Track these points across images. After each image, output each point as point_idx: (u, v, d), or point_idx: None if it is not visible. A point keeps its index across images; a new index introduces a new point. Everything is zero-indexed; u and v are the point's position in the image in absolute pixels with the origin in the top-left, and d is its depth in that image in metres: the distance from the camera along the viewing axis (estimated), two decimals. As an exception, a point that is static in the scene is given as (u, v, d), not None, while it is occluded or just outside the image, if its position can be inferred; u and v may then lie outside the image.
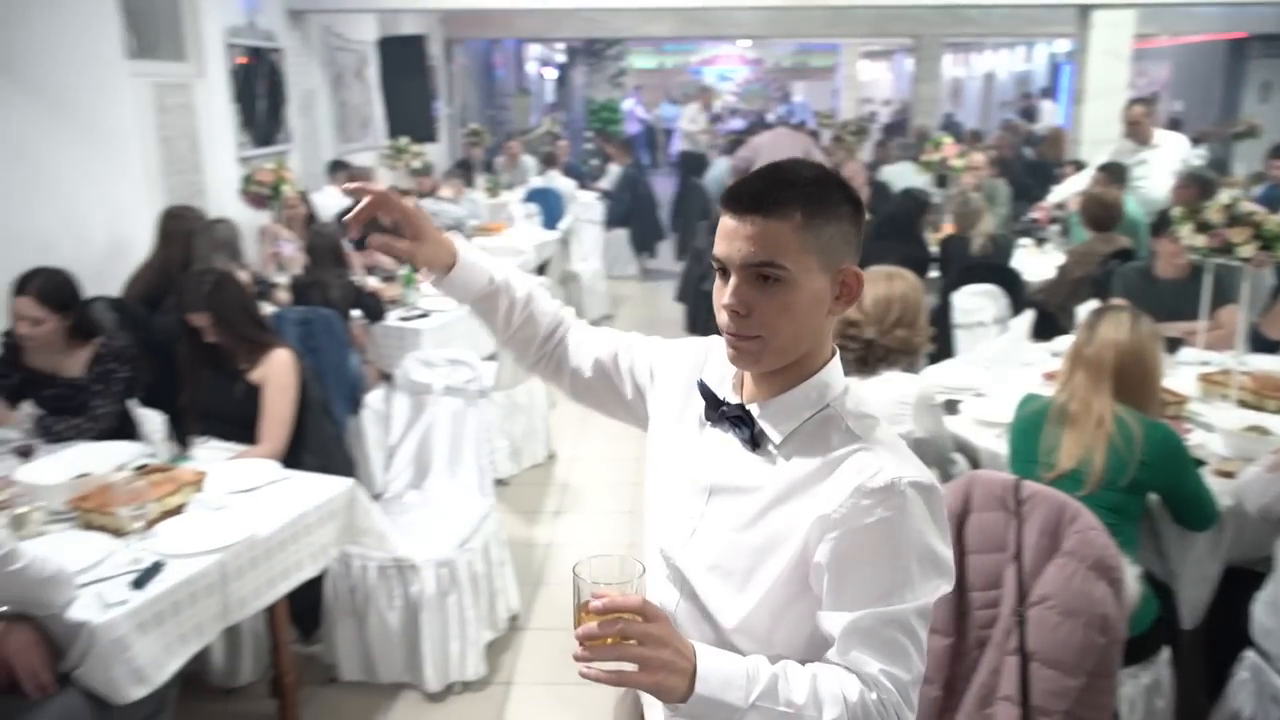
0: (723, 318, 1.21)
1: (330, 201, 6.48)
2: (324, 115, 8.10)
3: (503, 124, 14.08)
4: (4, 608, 2.05)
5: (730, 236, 1.18)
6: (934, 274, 5.12)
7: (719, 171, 9.05)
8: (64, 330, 3.12)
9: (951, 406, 3.12)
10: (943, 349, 4.12)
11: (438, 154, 9.70)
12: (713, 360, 1.37)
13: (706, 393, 1.30)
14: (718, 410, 1.28)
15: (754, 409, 1.25)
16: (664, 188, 11.58)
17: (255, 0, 6.74)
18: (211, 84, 6.13)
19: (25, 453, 2.81)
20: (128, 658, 2.08)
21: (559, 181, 8.78)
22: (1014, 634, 2.10)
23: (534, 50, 17.81)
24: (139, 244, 4.63)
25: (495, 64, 15.21)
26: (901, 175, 7.40)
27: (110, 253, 4.70)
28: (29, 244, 4.11)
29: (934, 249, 5.46)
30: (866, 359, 2.65)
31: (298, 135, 7.37)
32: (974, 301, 4.37)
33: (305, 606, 3.04)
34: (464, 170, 8.37)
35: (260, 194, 5.24)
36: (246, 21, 6.65)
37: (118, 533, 2.35)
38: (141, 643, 2.11)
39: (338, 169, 7.12)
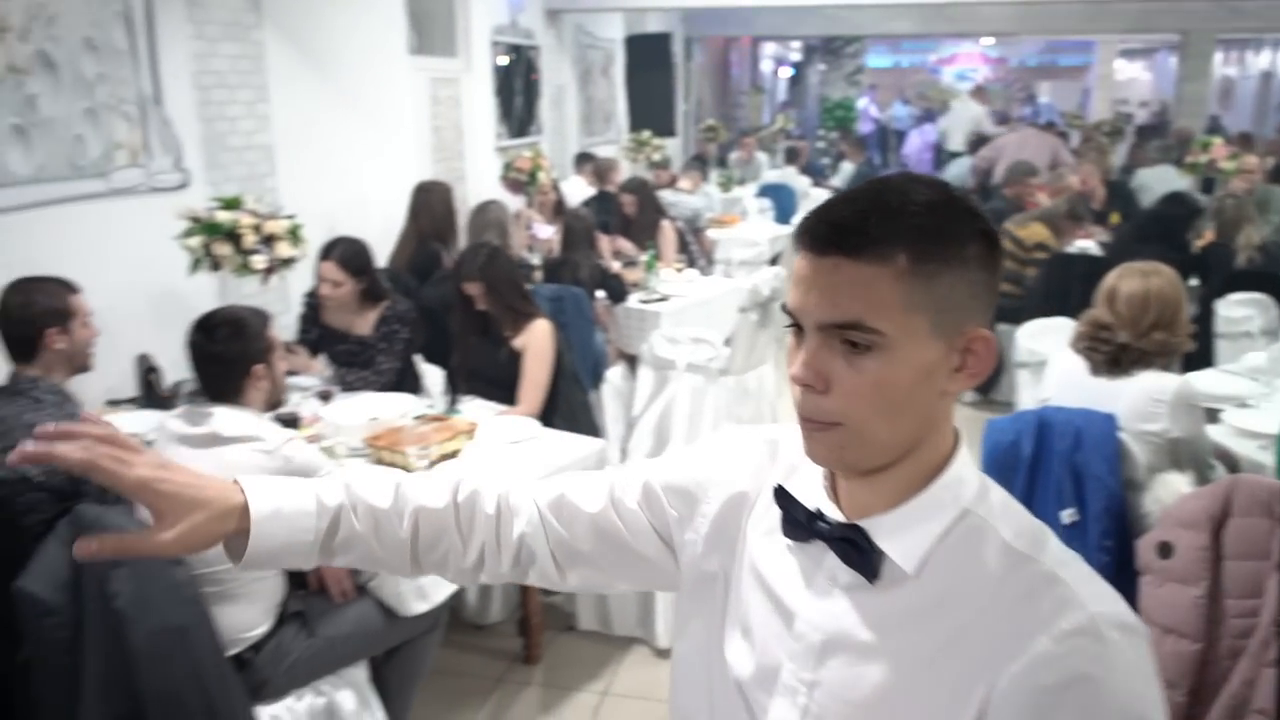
0: (794, 392, 0.88)
1: (576, 190, 6.86)
2: (571, 109, 8.54)
3: (735, 121, 14.26)
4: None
5: (806, 283, 0.85)
6: (1194, 282, 4.83)
7: (958, 171, 8.83)
8: (358, 293, 3.51)
9: (1212, 415, 2.98)
10: (1202, 357, 3.91)
11: (673, 148, 9.98)
12: (787, 454, 1.01)
13: (791, 504, 0.94)
14: (811, 527, 0.92)
15: (868, 525, 0.89)
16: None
17: (519, 1, 7.21)
18: (477, 78, 6.63)
19: (325, 397, 3.21)
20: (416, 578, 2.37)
21: (794, 177, 8.85)
22: (1273, 645, 2.02)
23: (769, 49, 17.90)
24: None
25: (730, 62, 15.41)
26: (1161, 179, 6.97)
27: (385, 229, 5.19)
28: (318, 217, 4.62)
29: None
30: (1119, 360, 2.58)
31: (548, 128, 7.83)
32: (1241, 311, 4.11)
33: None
34: (699, 165, 8.58)
35: (518, 180, 5.64)
36: (510, 21, 7.12)
37: (405, 469, 2.66)
38: (425, 565, 2.40)
39: (583, 160, 7.50)
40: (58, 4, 3.39)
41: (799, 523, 0.93)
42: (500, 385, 3.37)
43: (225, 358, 2.20)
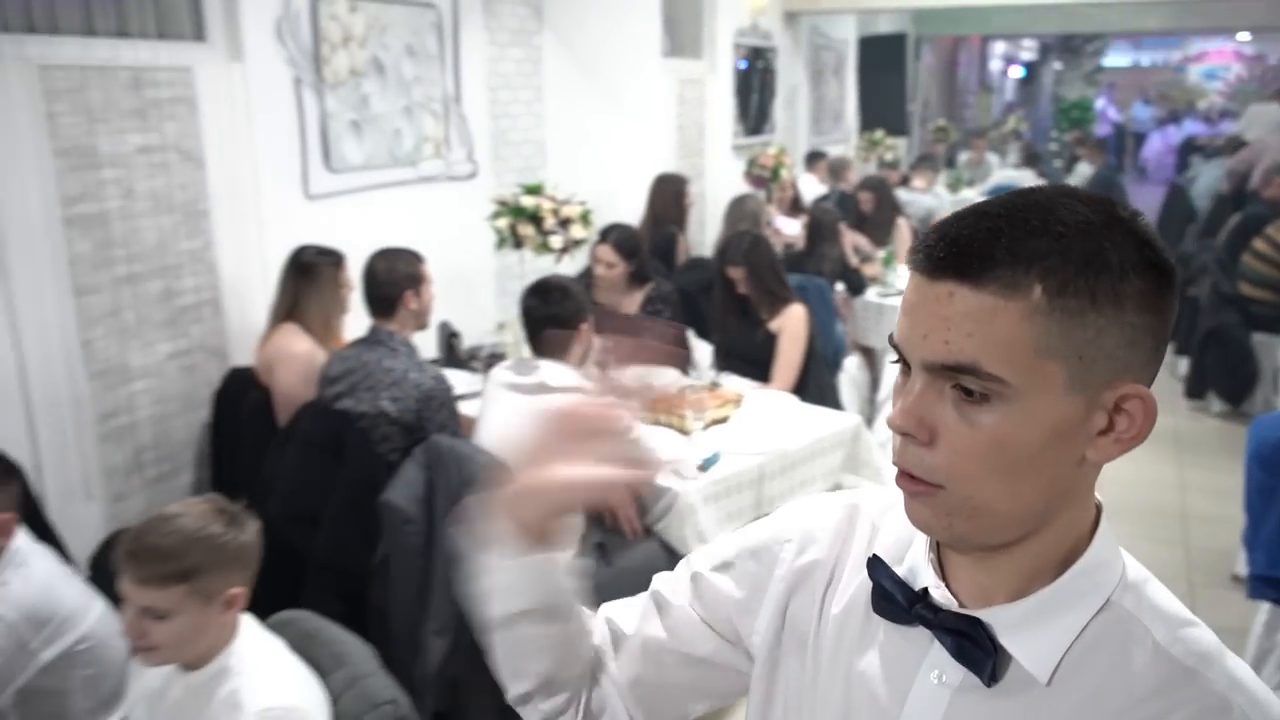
0: (895, 441, 0.73)
1: (807, 188, 7.05)
2: (803, 109, 8.72)
3: (962, 121, 13.98)
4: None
5: (915, 312, 0.69)
6: None
7: (1212, 176, 8.39)
8: (628, 274, 3.86)
9: None
10: None
11: (901, 148, 9.97)
12: (871, 519, 0.86)
13: (888, 578, 0.78)
14: (913, 611, 0.76)
15: (988, 618, 0.73)
16: (1135, 196, 10.87)
17: (760, 4, 7.46)
18: (719, 79, 6.94)
19: (602, 365, 3.56)
20: (695, 520, 2.66)
21: (1030, 180, 8.68)
22: None
23: (999, 48, 17.38)
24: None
25: (959, 61, 15.10)
26: None
27: (631, 219, 5.58)
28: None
29: None
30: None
31: (780, 127, 8.04)
32: None
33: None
34: (930, 164, 8.57)
35: (761, 176, 5.89)
36: (750, 23, 7.39)
37: (681, 431, 2.96)
38: (704, 512, 2.69)
39: (814, 158, 7.68)
40: (389, 16, 3.92)
41: (896, 602, 0.76)
42: (755, 364, 3.63)
43: (554, 317, 2.56)
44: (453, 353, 3.70)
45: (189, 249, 3.23)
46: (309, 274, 3.05)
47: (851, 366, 4.61)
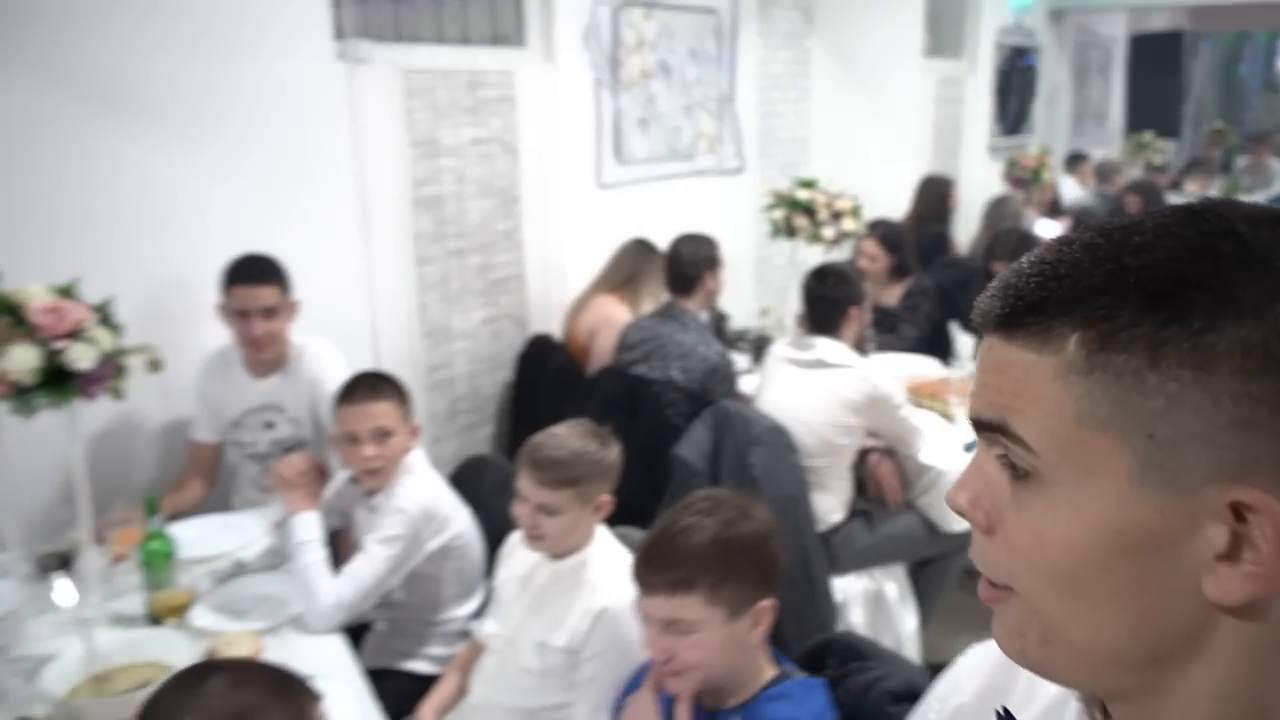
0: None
1: (1066, 190, 6.88)
2: (1063, 109, 8.47)
3: (1241, 124, 12.96)
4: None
5: (977, 367, 0.59)
6: None
7: None
8: (889, 268, 4.02)
9: None
10: None
11: (1170, 151, 9.44)
12: None
13: None
14: None
15: None
16: None
17: (1023, 4, 7.33)
18: (979, 79, 6.90)
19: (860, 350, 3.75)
20: (958, 498, 2.81)
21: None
22: None
23: (1288, 43, 15.90)
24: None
25: (1242, 59, 13.97)
26: None
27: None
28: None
29: None
30: None
31: (1039, 127, 7.87)
32: None
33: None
34: (1203, 169, 8.10)
35: (1021, 177, 5.85)
36: (1014, 22, 7.28)
37: (945, 416, 3.11)
38: (967, 491, 2.84)
39: (1076, 160, 7.46)
40: (677, 22, 4.26)
41: None
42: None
43: (832, 299, 2.79)
44: (721, 334, 3.99)
45: (502, 229, 3.69)
46: (650, 257, 3.46)
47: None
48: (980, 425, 0.56)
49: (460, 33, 3.47)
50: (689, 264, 3.11)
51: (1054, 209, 6.03)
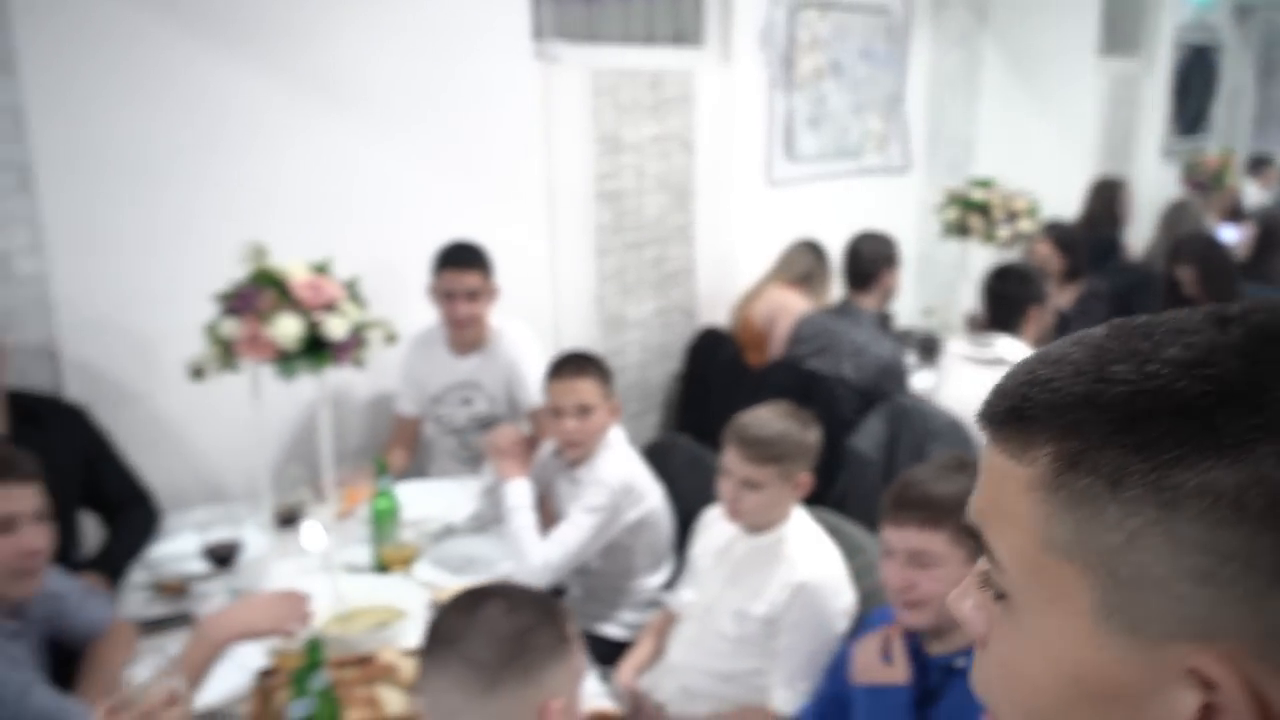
0: None
1: (1252, 195, 6.56)
2: (1245, 110, 8.05)
3: None
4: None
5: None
6: None
7: None
8: (1062, 270, 3.95)
9: None
10: None
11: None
12: None
13: None
14: None
15: None
16: None
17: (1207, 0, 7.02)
18: (1155, 78, 6.64)
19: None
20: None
21: None
22: None
23: None
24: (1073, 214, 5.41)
25: None
26: None
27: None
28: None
29: None
30: None
31: (1217, 128, 7.51)
32: None
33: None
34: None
35: (1201, 180, 5.62)
36: (1195, 18, 6.97)
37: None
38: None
39: (1261, 164, 7.09)
40: (850, 21, 4.29)
41: None
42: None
43: (1012, 297, 2.79)
44: (886, 332, 4.01)
45: (676, 224, 3.81)
46: (821, 258, 3.55)
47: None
48: (970, 531, 0.51)
49: (645, 32, 3.60)
50: (868, 261, 3.16)
51: (1235, 214, 5.77)
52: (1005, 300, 2.81)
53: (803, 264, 3.62)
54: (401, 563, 2.09)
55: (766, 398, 3.18)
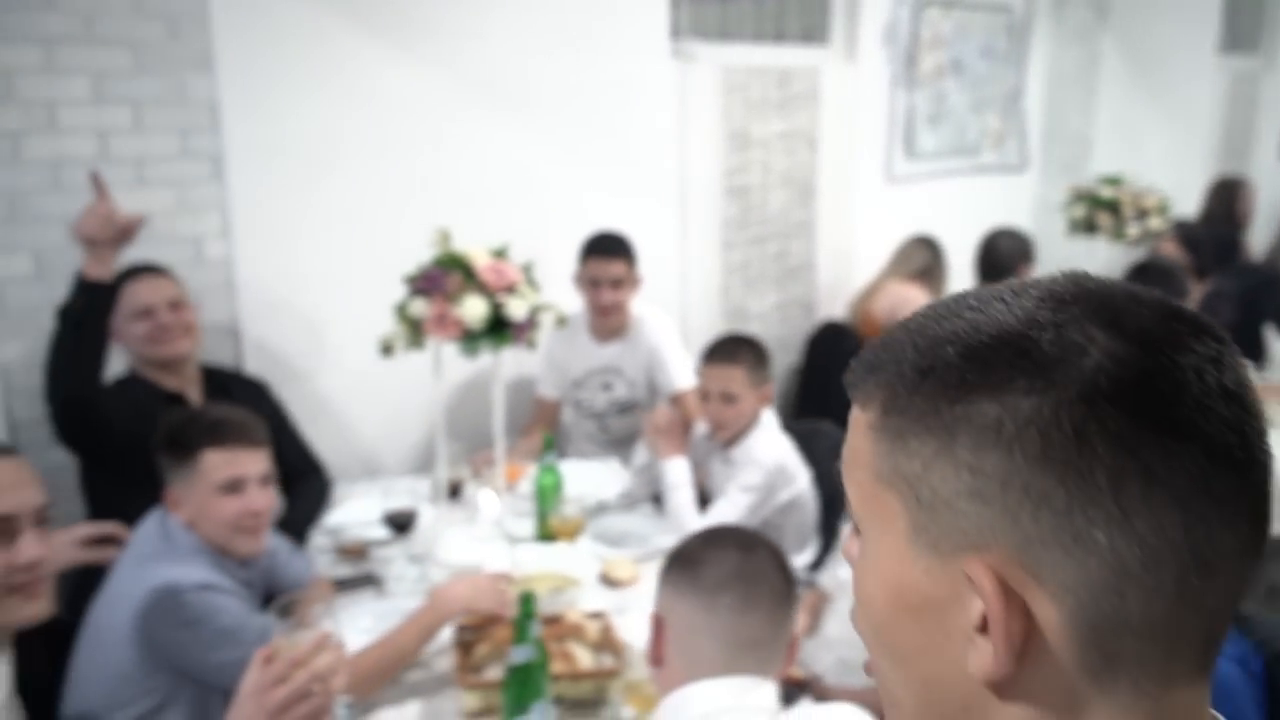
0: None
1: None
2: (1368, 110, 7.78)
3: None
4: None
5: None
6: None
7: None
8: (1187, 269, 3.91)
9: None
10: None
11: None
12: None
13: None
14: None
15: None
16: None
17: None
18: (1277, 76, 6.47)
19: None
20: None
21: None
22: None
23: None
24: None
25: None
26: None
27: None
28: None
29: None
30: None
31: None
32: None
33: None
34: None
35: (1327, 180, 5.48)
36: (1320, 14, 6.77)
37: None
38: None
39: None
40: (972, 20, 4.30)
41: None
42: (1332, 369, 3.53)
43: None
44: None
45: (798, 219, 3.87)
46: (938, 254, 3.60)
47: None
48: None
49: (775, 30, 3.67)
50: (1004, 255, 3.19)
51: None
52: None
53: (920, 259, 3.66)
54: (569, 534, 2.21)
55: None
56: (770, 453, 2.28)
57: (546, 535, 2.24)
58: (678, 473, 2.26)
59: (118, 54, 2.31)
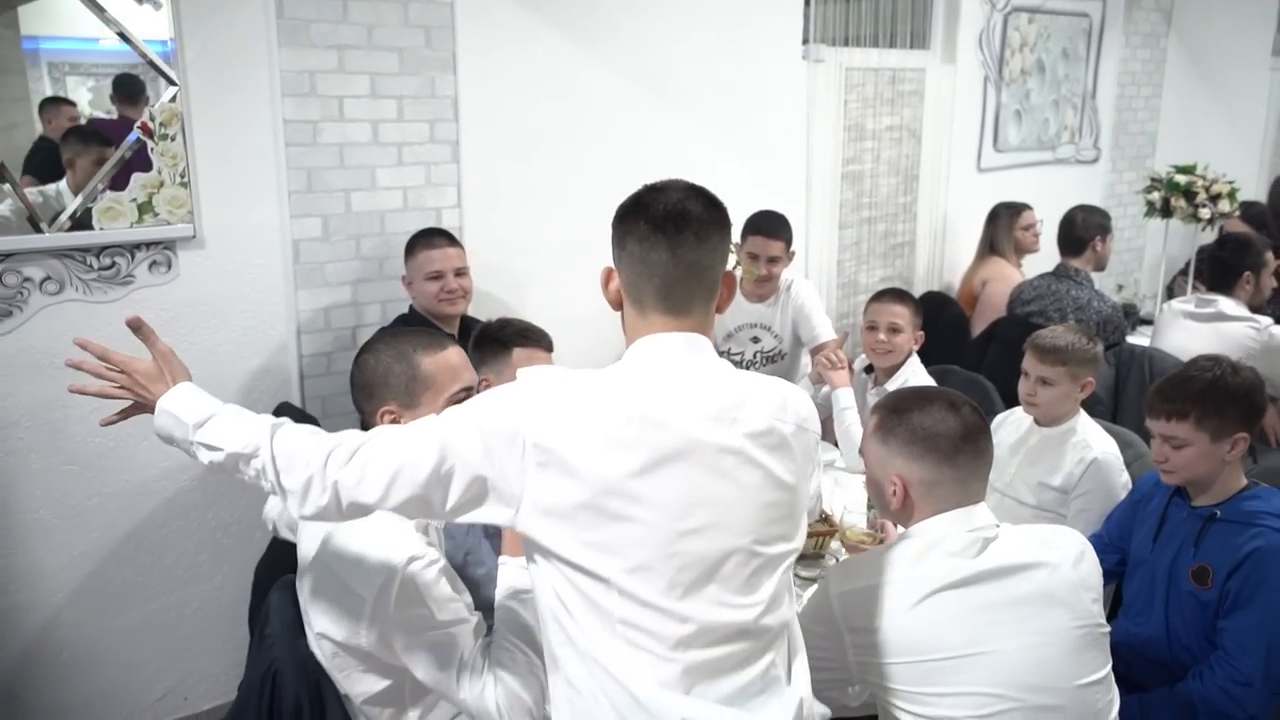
0: None
1: None
2: None
3: None
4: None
5: None
6: None
7: None
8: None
9: None
10: None
11: None
12: None
13: None
14: None
15: None
16: None
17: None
18: (1327, 77, 6.88)
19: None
20: None
21: None
22: None
23: None
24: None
25: None
26: None
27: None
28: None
29: None
30: None
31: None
32: None
33: None
34: None
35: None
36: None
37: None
38: None
39: None
40: (1054, 24, 4.78)
41: None
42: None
43: (1231, 263, 3.27)
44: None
45: (902, 202, 4.37)
46: (994, 220, 4.09)
47: None
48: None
49: (888, 35, 4.17)
50: (1081, 228, 3.68)
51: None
52: (1224, 265, 3.30)
53: (985, 234, 4.18)
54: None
55: (997, 349, 3.73)
56: (922, 383, 2.79)
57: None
58: (848, 398, 2.78)
59: (389, 58, 2.85)
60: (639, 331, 1.36)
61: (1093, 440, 2.40)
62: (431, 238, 2.74)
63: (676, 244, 1.34)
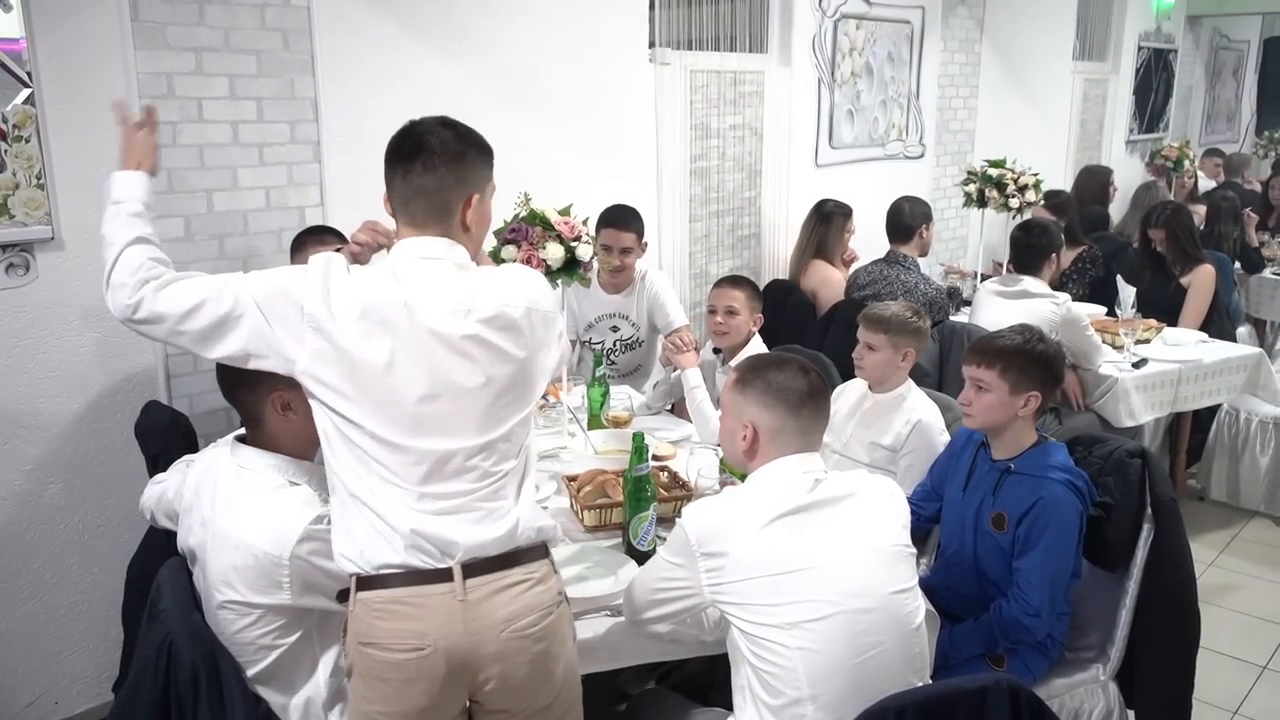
0: None
1: (1201, 183, 7.56)
2: (1196, 108, 9.08)
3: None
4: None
5: None
6: None
7: None
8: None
9: None
10: None
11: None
12: None
13: None
14: None
15: None
16: None
17: (1165, 8, 8.00)
18: (1121, 80, 7.61)
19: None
20: (1128, 402, 3.66)
21: None
22: None
23: None
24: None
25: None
26: None
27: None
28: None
29: None
30: None
31: (1173, 124, 8.51)
32: None
33: (1192, 445, 4.39)
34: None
35: (1163, 165, 6.58)
36: (1154, 27, 7.95)
37: (1115, 346, 3.94)
38: (1135, 397, 3.69)
39: (1209, 154, 8.10)
40: (880, 30, 5.17)
41: None
42: (1166, 311, 4.50)
43: (1033, 246, 3.67)
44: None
45: (747, 197, 4.65)
46: (827, 220, 4.40)
47: (1243, 335, 5.28)
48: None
49: (728, 40, 4.44)
50: (909, 216, 4.03)
51: (1194, 194, 6.73)
52: (1029, 248, 3.69)
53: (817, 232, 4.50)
54: (623, 425, 2.93)
55: (837, 330, 4.04)
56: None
57: (597, 429, 2.95)
58: (696, 377, 3.00)
59: (247, 61, 2.90)
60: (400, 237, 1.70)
61: (918, 405, 2.70)
62: (322, 235, 2.81)
63: (407, 170, 1.67)
